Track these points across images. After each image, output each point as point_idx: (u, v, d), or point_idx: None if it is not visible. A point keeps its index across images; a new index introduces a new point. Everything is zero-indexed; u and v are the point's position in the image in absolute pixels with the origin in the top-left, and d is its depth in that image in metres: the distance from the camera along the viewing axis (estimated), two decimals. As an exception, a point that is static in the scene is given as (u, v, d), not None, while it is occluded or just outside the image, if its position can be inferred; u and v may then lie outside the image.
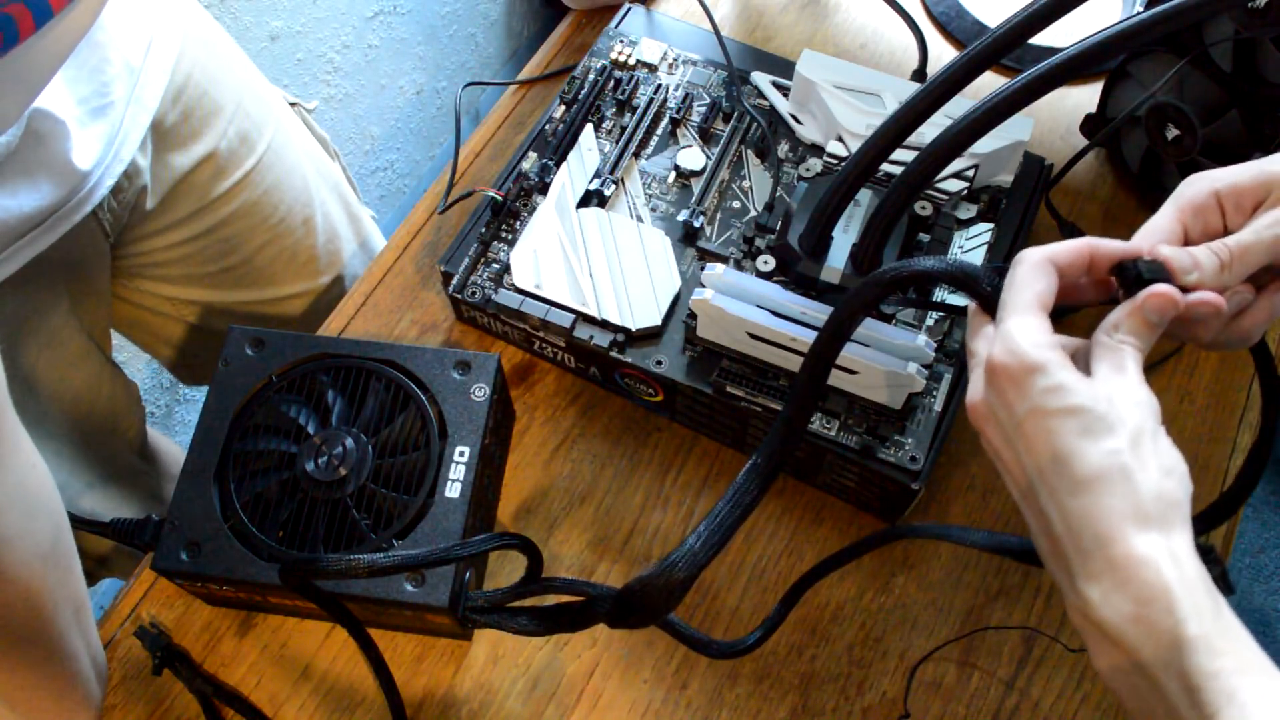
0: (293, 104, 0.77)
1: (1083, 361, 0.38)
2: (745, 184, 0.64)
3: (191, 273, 0.71)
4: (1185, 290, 0.38)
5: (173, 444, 0.90)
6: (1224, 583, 0.36)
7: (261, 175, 0.70)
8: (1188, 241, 0.40)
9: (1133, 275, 0.38)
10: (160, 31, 0.61)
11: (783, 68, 0.68)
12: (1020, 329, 0.37)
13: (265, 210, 0.71)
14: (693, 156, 0.65)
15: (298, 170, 0.74)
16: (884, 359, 0.52)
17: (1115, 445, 0.34)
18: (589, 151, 0.65)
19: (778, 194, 0.63)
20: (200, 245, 0.69)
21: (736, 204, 0.64)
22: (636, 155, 0.66)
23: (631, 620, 0.44)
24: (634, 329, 0.58)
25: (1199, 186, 0.40)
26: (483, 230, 0.63)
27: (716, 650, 0.51)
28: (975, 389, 0.40)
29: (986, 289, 0.40)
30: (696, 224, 0.62)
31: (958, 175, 0.60)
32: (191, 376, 0.82)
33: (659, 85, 0.68)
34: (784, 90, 0.67)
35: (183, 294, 0.73)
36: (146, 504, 0.78)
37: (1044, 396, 0.36)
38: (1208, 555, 0.36)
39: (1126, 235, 0.70)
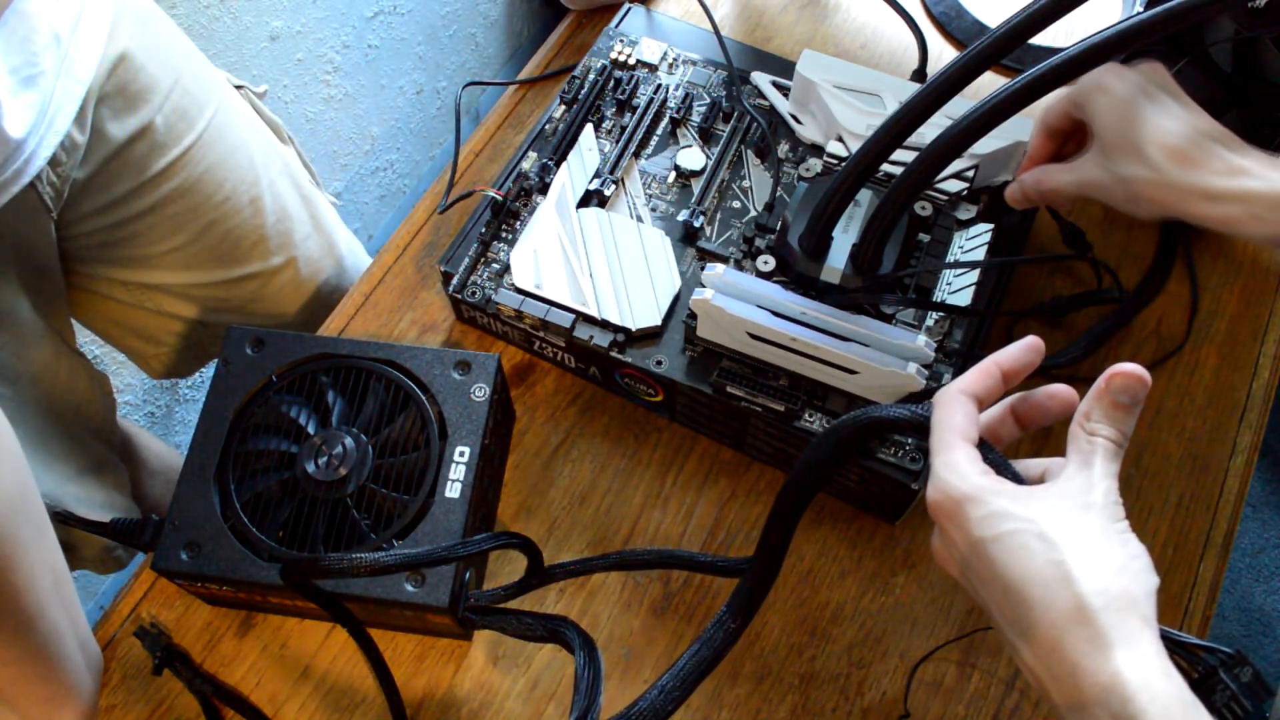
0: (239, 87, 0.77)
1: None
2: (745, 184, 0.64)
3: (138, 254, 0.71)
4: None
5: (155, 440, 0.89)
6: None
7: (203, 152, 0.70)
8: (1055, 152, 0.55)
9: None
10: (90, 5, 0.61)
11: (783, 68, 0.68)
12: (945, 465, 0.37)
13: (208, 188, 0.71)
14: (693, 156, 0.65)
15: (242, 149, 0.73)
16: (884, 359, 0.52)
17: (1056, 556, 0.33)
18: (589, 151, 0.65)
19: (778, 194, 0.63)
20: (145, 224, 0.69)
21: (736, 204, 0.64)
22: (636, 155, 0.66)
23: None
24: (634, 329, 0.58)
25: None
26: (483, 230, 0.63)
27: (721, 567, 0.49)
28: (935, 534, 0.40)
29: None
30: (696, 224, 0.62)
31: (958, 175, 0.60)
32: (161, 369, 0.81)
33: (659, 85, 0.68)
34: (784, 90, 0.67)
35: (133, 277, 0.72)
36: (121, 497, 0.77)
37: (980, 526, 0.35)
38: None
39: (1127, 234, 0.70)
